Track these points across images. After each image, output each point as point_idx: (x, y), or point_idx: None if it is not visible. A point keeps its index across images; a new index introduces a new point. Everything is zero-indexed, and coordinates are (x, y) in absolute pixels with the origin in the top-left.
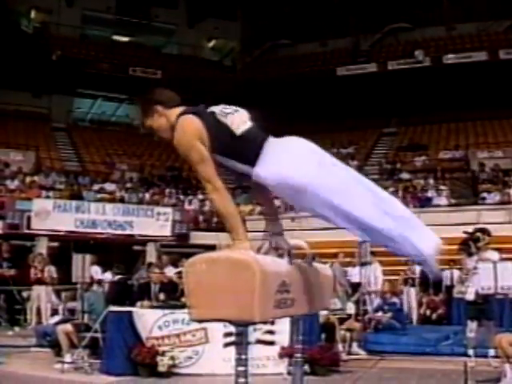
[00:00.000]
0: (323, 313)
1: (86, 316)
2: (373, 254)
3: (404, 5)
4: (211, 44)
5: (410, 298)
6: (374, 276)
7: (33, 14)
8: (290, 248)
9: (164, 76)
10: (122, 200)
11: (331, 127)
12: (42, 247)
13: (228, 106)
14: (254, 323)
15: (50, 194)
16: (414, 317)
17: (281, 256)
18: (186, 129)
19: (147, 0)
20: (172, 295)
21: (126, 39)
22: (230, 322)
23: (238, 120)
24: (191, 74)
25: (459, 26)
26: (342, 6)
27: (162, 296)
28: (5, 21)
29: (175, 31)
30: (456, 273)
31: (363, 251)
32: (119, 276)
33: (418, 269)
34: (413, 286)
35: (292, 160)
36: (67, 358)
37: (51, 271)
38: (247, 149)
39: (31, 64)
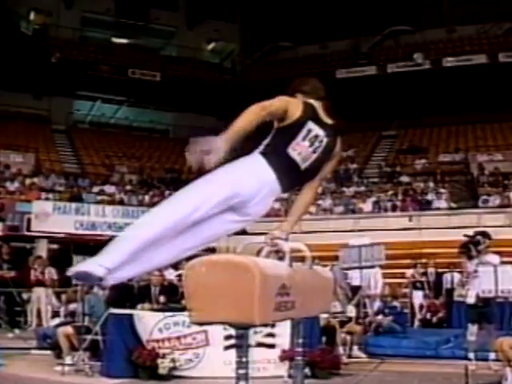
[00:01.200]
0: (324, 316)
1: (86, 318)
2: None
3: (404, 7)
4: (211, 46)
5: (416, 301)
6: (374, 279)
7: (32, 16)
8: (290, 251)
9: (163, 78)
10: (121, 202)
11: None
12: (42, 249)
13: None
14: (255, 326)
15: (50, 195)
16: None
17: (281, 259)
18: None
19: (146, 2)
20: (172, 298)
21: (125, 41)
22: (231, 324)
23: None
24: (191, 76)
25: (459, 29)
26: (342, 8)
27: (162, 299)
28: (4, 23)
29: (175, 33)
30: (456, 276)
31: (365, 254)
32: None
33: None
34: (421, 289)
35: None
36: (68, 360)
37: (52, 273)
38: None
39: (31, 66)
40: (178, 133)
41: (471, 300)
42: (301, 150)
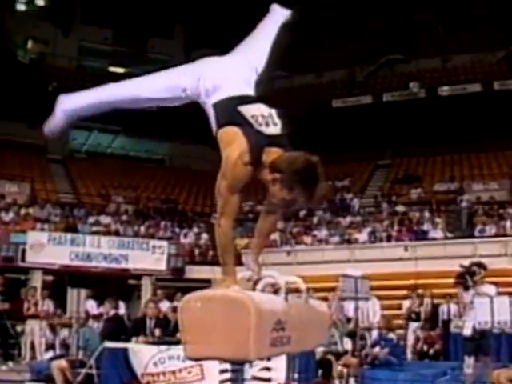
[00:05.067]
0: (320, 349)
1: (80, 352)
2: (371, 288)
3: (399, 36)
4: None
5: (411, 332)
6: (372, 311)
7: (29, 45)
8: (285, 285)
9: (159, 108)
10: (117, 233)
11: (326, 159)
12: (37, 280)
13: None
14: (250, 362)
15: (45, 226)
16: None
17: (276, 292)
18: None
19: (144, 31)
20: (167, 331)
21: (121, 70)
22: (226, 359)
23: None
24: (187, 105)
25: (454, 58)
26: (337, 37)
27: (157, 332)
28: (1, 51)
29: (171, 61)
30: (453, 307)
31: (360, 286)
32: (113, 311)
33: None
34: (416, 320)
35: None
36: None
37: (49, 305)
38: None
39: (27, 95)
40: (174, 162)
41: (468, 332)
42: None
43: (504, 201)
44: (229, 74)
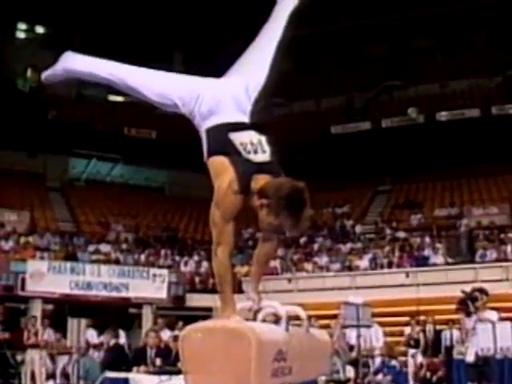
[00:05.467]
0: (322, 378)
1: (81, 382)
2: (372, 315)
3: (397, 62)
4: None
5: (415, 360)
6: (375, 337)
7: (29, 73)
8: (286, 314)
9: (158, 136)
10: (117, 261)
11: (326, 186)
12: (37, 310)
13: None
14: None
15: (45, 254)
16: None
17: (277, 322)
18: None
19: (143, 59)
20: (168, 360)
21: (121, 99)
22: None
23: None
24: (186, 133)
25: (452, 83)
26: (336, 64)
27: (158, 361)
28: (1, 80)
29: None
30: (455, 333)
31: (361, 313)
32: (114, 340)
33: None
34: (415, 347)
35: None
36: None
37: (50, 335)
38: None
39: (26, 123)
40: (173, 190)
41: (470, 358)
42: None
43: (504, 225)
44: (224, 99)
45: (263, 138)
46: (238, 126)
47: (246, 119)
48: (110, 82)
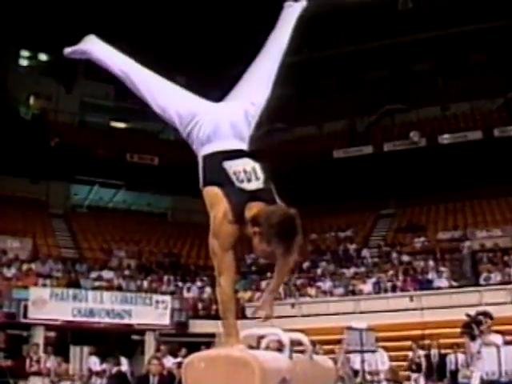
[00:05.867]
0: None
1: None
2: (376, 340)
3: (398, 86)
4: None
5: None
6: (380, 362)
7: (32, 101)
8: (289, 341)
9: (161, 162)
10: (119, 288)
11: (329, 210)
12: (39, 337)
13: None
14: None
15: (47, 281)
16: None
17: (280, 349)
18: None
19: None
20: None
21: (123, 125)
22: None
23: None
24: (188, 159)
25: (453, 106)
26: (337, 88)
27: None
28: (3, 108)
29: None
30: (460, 356)
31: (365, 338)
32: (116, 368)
33: (421, 353)
34: (417, 371)
35: None
36: None
37: (53, 362)
38: None
39: (29, 150)
40: (176, 216)
41: (475, 382)
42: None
43: (508, 247)
44: (223, 125)
45: (257, 165)
46: (234, 154)
47: (244, 145)
48: (119, 76)
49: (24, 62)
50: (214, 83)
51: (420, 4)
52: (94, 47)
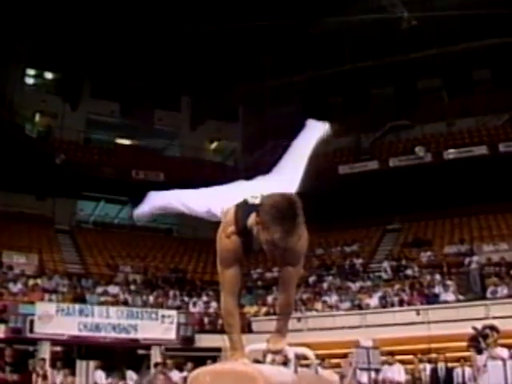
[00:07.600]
0: None
1: None
2: (391, 354)
3: (404, 103)
4: (213, 146)
5: None
6: (397, 374)
7: (37, 118)
8: (295, 356)
9: (166, 178)
10: (125, 303)
11: (335, 225)
12: (45, 352)
13: None
14: None
15: (53, 297)
16: None
17: (286, 364)
18: None
19: (150, 103)
20: None
21: (128, 142)
22: None
23: None
24: (194, 175)
25: (458, 122)
26: (342, 105)
27: None
28: (9, 125)
29: (178, 134)
30: (468, 370)
31: (372, 356)
32: (122, 382)
33: (428, 367)
34: None
35: None
36: None
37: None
38: None
39: (35, 168)
40: (181, 232)
41: None
42: None
43: None
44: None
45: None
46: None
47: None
48: (180, 208)
49: (30, 81)
50: (219, 103)
51: (424, 22)
52: (165, 199)
